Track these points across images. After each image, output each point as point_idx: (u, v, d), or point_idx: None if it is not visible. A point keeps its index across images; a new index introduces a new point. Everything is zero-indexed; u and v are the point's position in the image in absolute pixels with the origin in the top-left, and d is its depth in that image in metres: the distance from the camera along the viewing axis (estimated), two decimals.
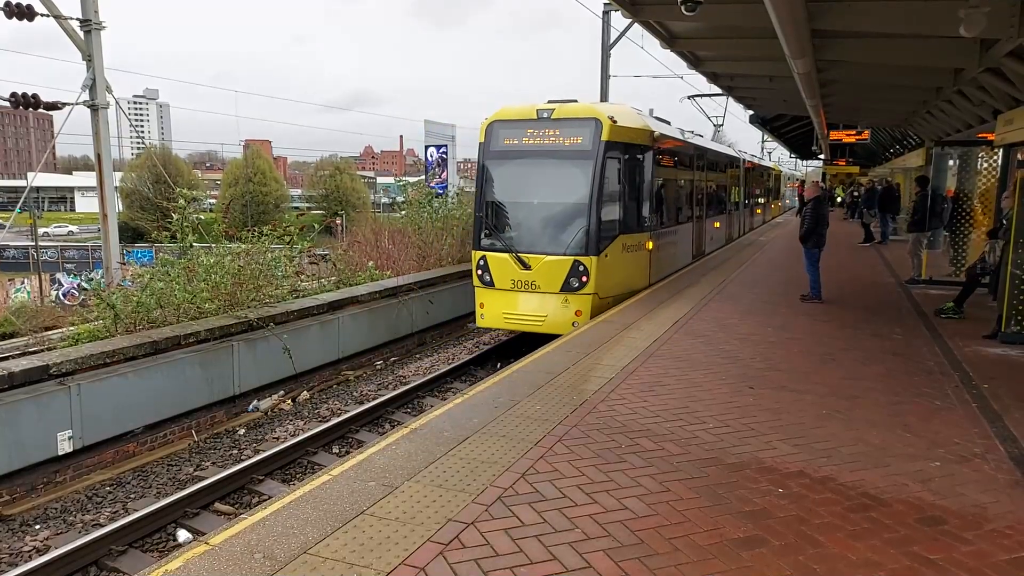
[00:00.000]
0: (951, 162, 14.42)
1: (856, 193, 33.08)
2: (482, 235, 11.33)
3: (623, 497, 4.21)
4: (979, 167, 13.39)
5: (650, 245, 12.08)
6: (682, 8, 7.68)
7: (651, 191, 12.04)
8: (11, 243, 45.18)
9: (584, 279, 10.49)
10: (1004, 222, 9.35)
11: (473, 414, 5.63)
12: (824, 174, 43.25)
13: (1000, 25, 7.90)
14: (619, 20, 21.78)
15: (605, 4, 21.54)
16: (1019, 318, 8.37)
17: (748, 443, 5.11)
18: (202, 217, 12.11)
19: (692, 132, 17.08)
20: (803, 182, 35.41)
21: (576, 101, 11.41)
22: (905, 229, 16.36)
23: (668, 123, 14.87)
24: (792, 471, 4.63)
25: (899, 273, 14.35)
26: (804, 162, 60.23)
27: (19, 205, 21.66)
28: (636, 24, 11.38)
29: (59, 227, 68.04)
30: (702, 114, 28.45)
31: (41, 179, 78.60)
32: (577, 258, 10.49)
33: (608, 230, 10.80)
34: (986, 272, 9.80)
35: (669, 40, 12.29)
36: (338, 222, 40.08)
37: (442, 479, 4.41)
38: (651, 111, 15.55)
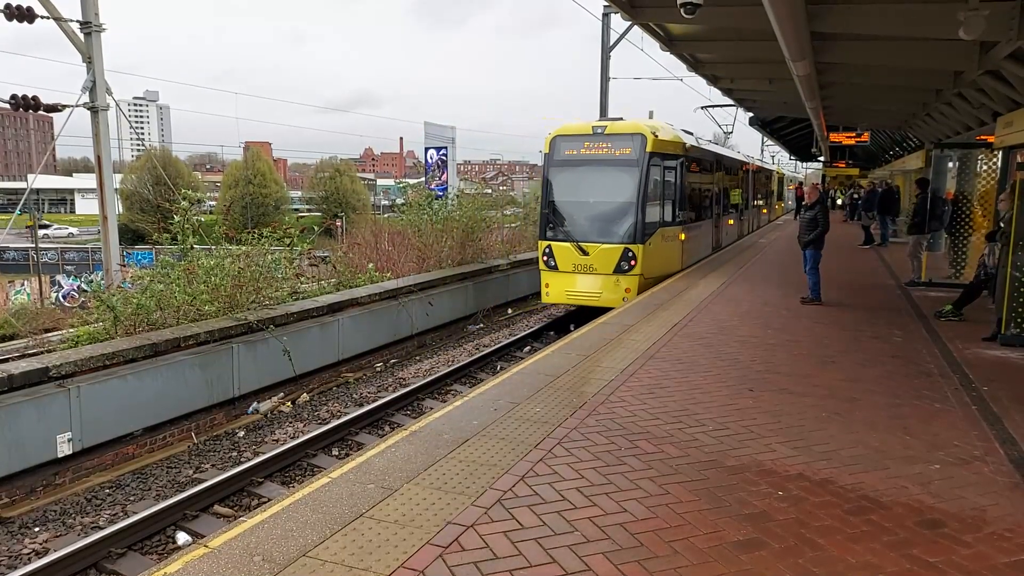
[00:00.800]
0: (951, 164, 14.43)
1: (856, 195, 33.07)
2: (547, 228, 13.67)
3: (623, 500, 4.20)
4: (979, 169, 13.40)
5: (682, 236, 14.56)
6: (681, 10, 7.69)
7: (683, 192, 14.25)
8: (11, 244, 45.20)
9: (633, 263, 12.86)
10: (1002, 225, 9.35)
11: (473, 416, 5.63)
12: (824, 176, 43.27)
13: (999, 28, 7.91)
14: (619, 23, 21.80)
15: (604, 6, 21.56)
16: (1018, 320, 8.37)
17: (748, 445, 5.11)
18: (202, 219, 12.11)
19: (710, 140, 19.87)
20: (801, 184, 35.37)
21: (622, 119, 14.00)
22: (905, 231, 16.36)
23: (692, 134, 16.90)
24: (792, 474, 4.63)
25: (899, 275, 14.35)
26: (804, 164, 60.24)
27: (19, 207, 21.67)
28: (636, 26, 11.39)
29: (60, 228, 68.08)
30: (711, 121, 30.78)
31: (41, 181, 78.65)
32: (627, 246, 12.89)
33: (651, 223, 13.13)
34: (988, 276, 9.80)
35: (668, 42, 12.32)
36: (338, 224, 40.10)
37: (441, 481, 4.40)
38: (651, 113, 15.67)
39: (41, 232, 47.24)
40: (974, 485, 4.48)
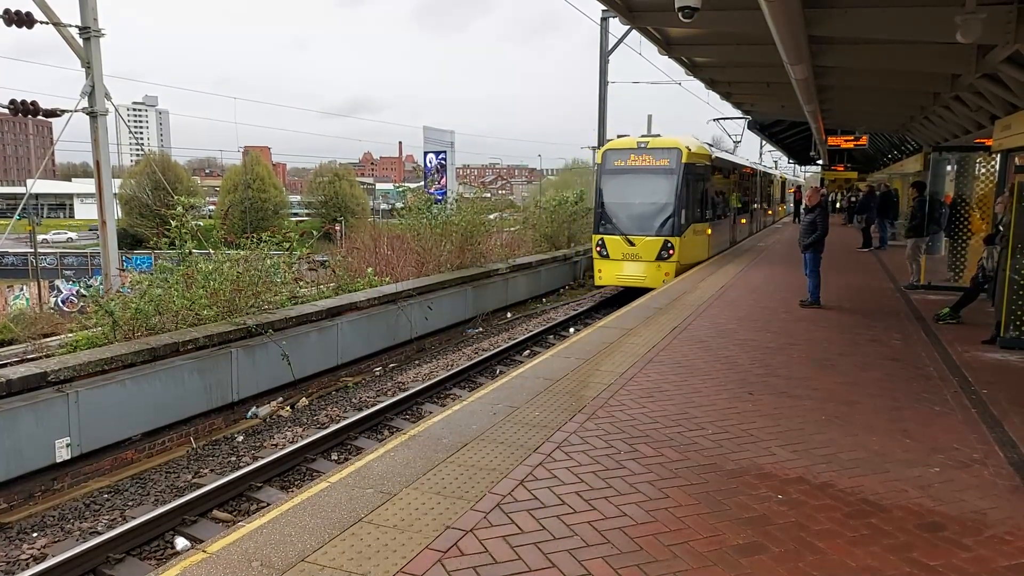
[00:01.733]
0: (949, 167, 14.45)
1: (854, 199, 33.10)
2: (600, 224, 16.83)
3: (622, 504, 4.20)
4: (977, 172, 13.42)
5: (708, 231, 17.82)
6: (679, 15, 7.70)
7: (709, 195, 17.86)
8: (10, 249, 45.14)
9: (671, 252, 15.91)
10: (1001, 228, 9.36)
11: (472, 421, 5.62)
12: (823, 179, 43.31)
13: (996, 31, 7.93)
14: (618, 27, 21.84)
15: (603, 11, 21.60)
16: (1017, 323, 8.37)
17: (747, 449, 5.10)
18: (200, 223, 12.11)
19: (726, 151, 24.23)
20: (800, 187, 35.57)
21: (659, 135, 17.39)
22: (903, 234, 16.37)
23: (712, 145, 20.16)
24: (791, 477, 4.62)
25: (898, 278, 14.36)
26: (803, 168, 60.28)
27: (18, 212, 21.67)
28: (634, 30, 11.42)
29: (58, 233, 68.03)
30: (723, 131, 33.41)
31: (40, 186, 78.62)
32: (667, 238, 15.94)
33: (685, 220, 16.15)
34: (987, 279, 9.81)
35: (667, 46, 12.34)
36: (337, 228, 40.12)
37: (440, 486, 4.40)
38: (650, 117, 15.85)
39: (40, 237, 47.19)
40: (974, 488, 4.48)
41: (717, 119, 31.59)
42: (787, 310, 10.83)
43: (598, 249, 16.76)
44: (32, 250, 38.65)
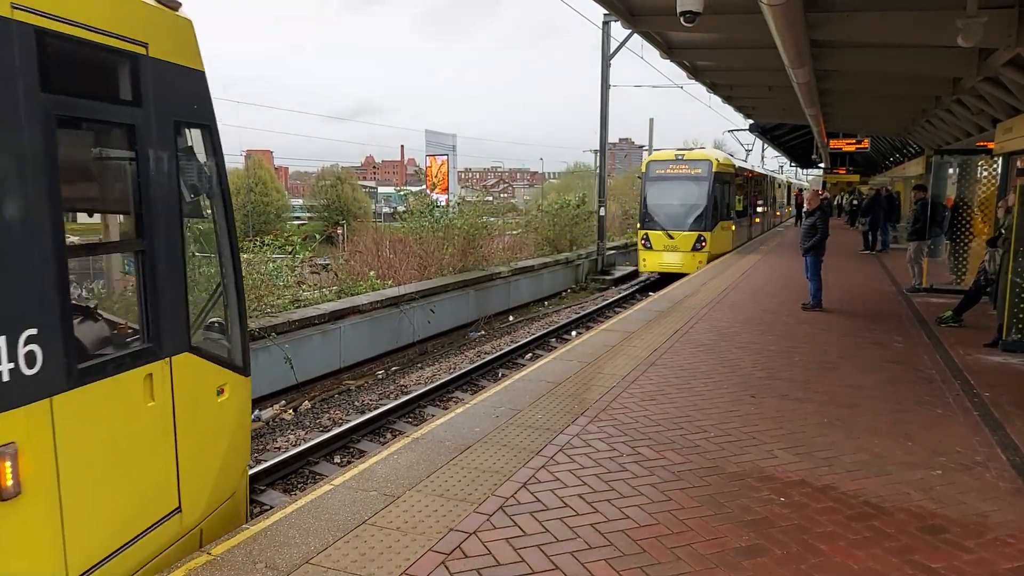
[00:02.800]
0: (951, 171, 14.45)
1: (855, 202, 33.08)
2: (645, 221, 20.15)
3: (624, 506, 4.21)
4: (979, 175, 13.42)
5: (732, 228, 21.61)
6: (681, 19, 7.73)
7: (732, 197, 21.58)
8: None
9: (704, 244, 19.26)
10: (1003, 231, 9.37)
11: (474, 423, 5.64)
12: (824, 182, 43.32)
13: (998, 35, 7.95)
14: (619, 31, 21.89)
15: (605, 15, 21.65)
16: (1020, 326, 8.37)
17: (749, 452, 5.11)
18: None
19: (743, 161, 29.96)
20: (802, 190, 35.74)
21: (692, 149, 22.32)
22: (905, 237, 16.38)
23: (732, 155, 25.47)
24: (793, 480, 4.63)
25: (900, 281, 14.36)
26: (805, 171, 60.31)
27: None
28: (636, 34, 11.46)
29: None
30: (733, 139, 37.82)
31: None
32: (700, 232, 19.29)
33: (715, 218, 19.65)
34: (989, 282, 9.82)
35: (668, 50, 12.38)
36: (339, 232, 40.18)
37: (443, 488, 4.41)
38: (651, 120, 16.02)
39: None
40: (976, 491, 4.48)
41: (731, 130, 36.26)
42: (789, 313, 10.84)
43: (643, 242, 20.15)
44: None
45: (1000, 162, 12.80)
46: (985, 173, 13.27)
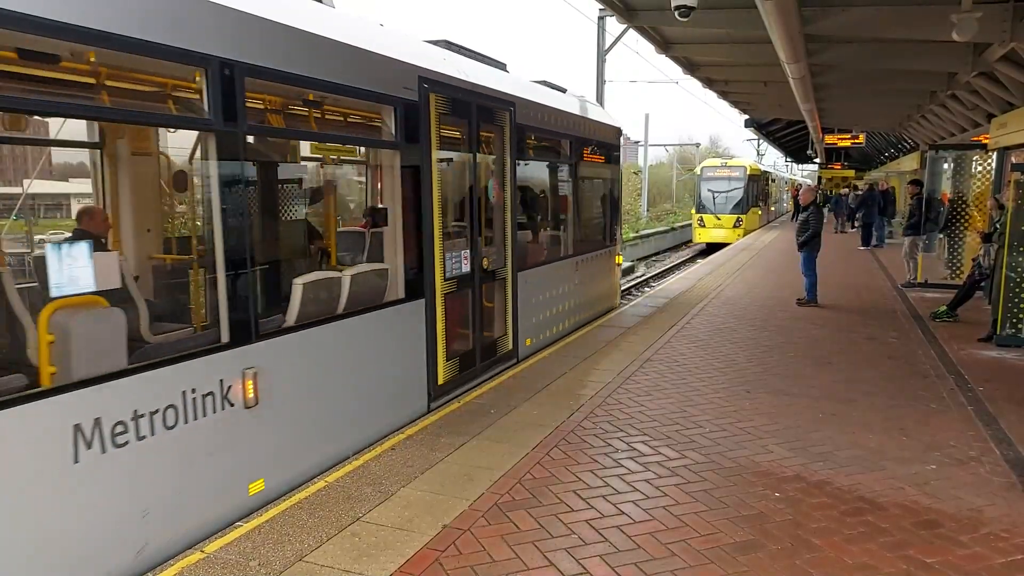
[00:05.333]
0: (945, 166, 14.47)
1: (841, 195, 33.01)
2: (700, 208, 28.62)
3: (620, 502, 4.20)
4: (974, 170, 13.44)
5: (759, 213, 31.08)
6: (675, 14, 7.72)
7: (759, 193, 31.10)
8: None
9: (741, 223, 27.67)
10: (997, 226, 9.39)
11: (469, 419, 5.62)
12: (820, 178, 43.40)
13: (992, 30, 7.95)
14: (614, 26, 21.84)
15: (600, 9, 21.60)
16: (1014, 321, 8.39)
17: (744, 447, 5.11)
18: None
19: (771, 166, 42.89)
20: (799, 186, 35.89)
21: (734, 157, 40.17)
22: (901, 232, 16.40)
23: (760, 162, 37.74)
24: (788, 475, 4.63)
25: (895, 277, 14.38)
26: (800, 166, 60.36)
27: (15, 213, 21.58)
28: (632, 29, 11.43)
29: (55, 234, 67.87)
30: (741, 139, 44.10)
31: (37, 186, 78.32)
32: (739, 215, 27.78)
33: (748, 205, 28.26)
34: (984, 277, 9.83)
35: (664, 46, 12.35)
36: None
37: (438, 485, 4.40)
38: (647, 116, 16.02)
39: (37, 238, 46.87)
40: (970, 485, 4.49)
41: (749, 139, 44.55)
42: (784, 308, 10.85)
43: (698, 222, 28.75)
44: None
45: (995, 157, 12.82)
46: (980, 168, 13.29)
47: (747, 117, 27.41)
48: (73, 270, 3.34)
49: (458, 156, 6.72)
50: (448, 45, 6.78)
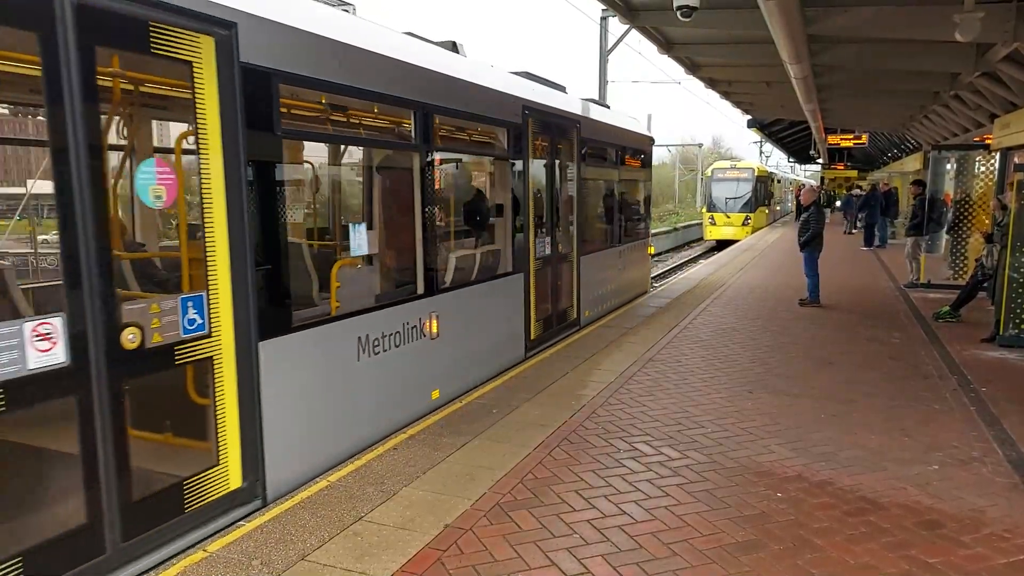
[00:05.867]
0: (948, 166, 14.45)
1: (851, 195, 32.99)
2: (711, 207, 30.30)
3: (621, 502, 4.21)
4: (977, 171, 13.42)
5: (766, 211, 32.76)
6: (678, 14, 7.72)
7: (765, 193, 32.47)
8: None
9: (748, 221, 29.27)
10: (999, 227, 9.37)
11: (471, 419, 5.63)
12: (822, 178, 43.36)
13: (995, 30, 7.95)
14: (617, 26, 21.83)
15: (603, 10, 21.59)
16: (1017, 321, 8.38)
17: (746, 447, 5.11)
18: None
19: (775, 167, 46.42)
20: (801, 187, 35.97)
21: (742, 160, 38.72)
22: (904, 233, 16.38)
23: (766, 164, 41.29)
24: (790, 475, 4.63)
25: (897, 277, 14.37)
26: (803, 166, 60.29)
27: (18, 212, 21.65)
28: (634, 30, 11.43)
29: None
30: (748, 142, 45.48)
31: (41, 186, 78.47)
32: (747, 214, 29.49)
33: (755, 205, 29.85)
34: (986, 277, 9.82)
35: (666, 46, 12.35)
36: None
37: (440, 485, 4.41)
38: (649, 116, 16.10)
39: (40, 238, 46.97)
40: (972, 486, 4.49)
41: (756, 142, 45.41)
42: (786, 309, 10.84)
43: (709, 220, 30.45)
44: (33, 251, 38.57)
45: (997, 157, 12.80)
46: (983, 168, 13.27)
47: (749, 117, 27.39)
48: (356, 241, 5.31)
49: (543, 164, 8.38)
50: (528, 75, 8.38)
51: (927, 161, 16.13)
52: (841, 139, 27.43)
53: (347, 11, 5.43)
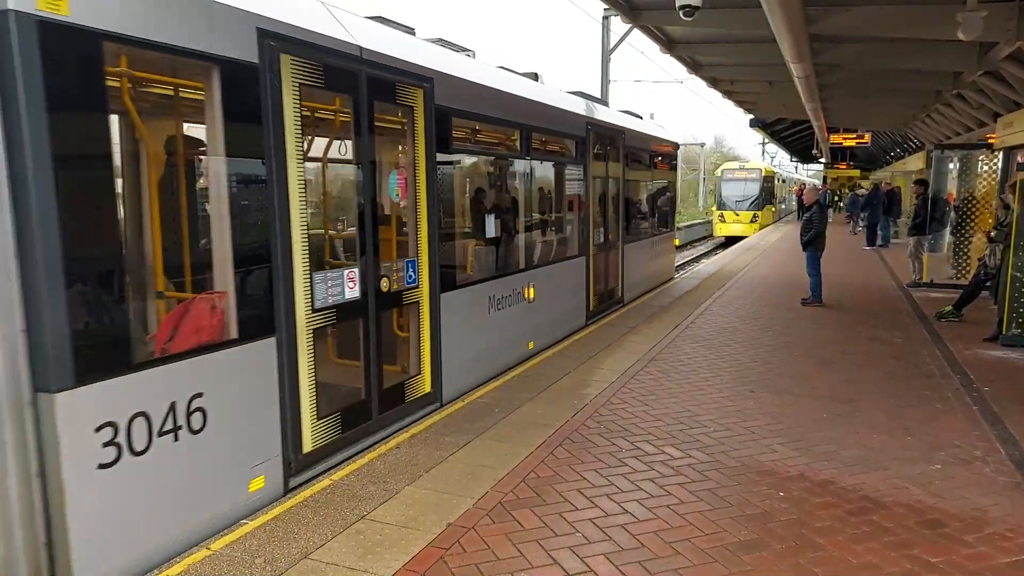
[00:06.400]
0: (951, 165, 14.43)
1: (856, 198, 32.95)
2: (720, 205, 31.67)
3: (624, 501, 4.21)
4: (979, 170, 13.39)
5: (772, 209, 34.71)
6: (680, 13, 7.71)
7: (772, 192, 34.39)
8: None
9: (756, 219, 30.98)
10: (1001, 227, 9.35)
11: (474, 418, 5.64)
12: (825, 177, 43.32)
13: (998, 29, 7.93)
14: (619, 25, 21.81)
15: (605, 9, 21.57)
16: (1019, 321, 8.37)
17: (749, 447, 5.11)
18: None
19: (779, 167, 48.44)
20: (803, 187, 36.10)
21: (749, 160, 38.16)
22: (906, 232, 16.35)
23: (773, 165, 45.82)
24: (792, 474, 4.63)
25: (900, 276, 14.35)
26: (805, 166, 60.21)
27: None
28: (636, 29, 11.43)
29: None
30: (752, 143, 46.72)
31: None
32: (755, 212, 31.07)
33: (762, 203, 31.54)
34: (989, 276, 9.80)
35: (668, 45, 12.34)
36: None
37: (443, 483, 4.42)
38: (651, 115, 16.31)
39: None
40: (975, 485, 4.49)
41: (761, 142, 47.83)
42: (789, 308, 10.84)
43: (718, 218, 31.89)
44: None
45: (1000, 157, 12.78)
46: (985, 168, 13.25)
47: (752, 117, 27.35)
48: (487, 229, 7.15)
49: (598, 168, 10.01)
50: (582, 95, 10.19)
51: (930, 160, 16.11)
52: (844, 138, 27.37)
53: (470, 56, 7.22)
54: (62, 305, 3.01)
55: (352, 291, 4.83)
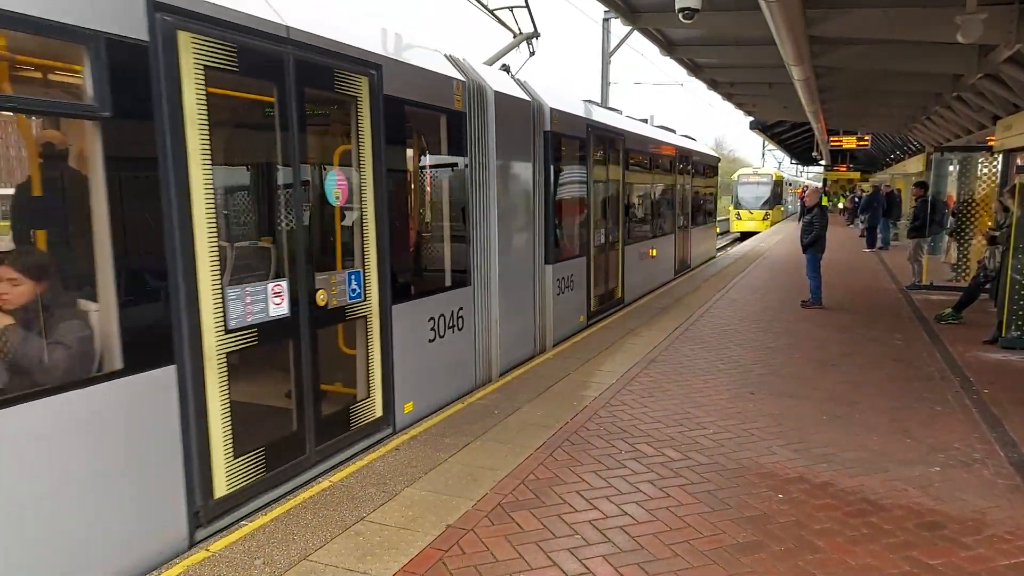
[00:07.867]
0: (951, 168, 14.44)
1: (857, 199, 32.99)
2: (737, 205, 36.79)
3: (623, 503, 4.21)
4: (979, 173, 13.40)
5: (781, 208, 39.46)
6: (679, 16, 7.72)
7: (781, 193, 39.15)
8: None
9: (768, 216, 36.03)
10: (1001, 228, 9.35)
11: (473, 420, 5.64)
12: (825, 180, 43.36)
13: (997, 31, 7.94)
14: (619, 28, 21.84)
15: (605, 11, 21.60)
16: (1019, 323, 8.37)
17: (748, 448, 5.11)
18: None
19: (785, 169, 56.60)
20: (805, 188, 36.14)
21: (762, 167, 46.40)
22: (905, 235, 16.36)
23: (781, 169, 50.97)
24: (792, 476, 4.63)
25: (899, 278, 14.35)
26: (805, 168, 60.24)
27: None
28: (636, 32, 11.44)
29: None
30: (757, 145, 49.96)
31: None
32: (766, 211, 36.16)
33: (774, 203, 36.76)
34: (989, 279, 9.80)
35: (668, 47, 12.36)
36: None
37: (442, 485, 4.42)
38: (652, 117, 16.12)
39: None
40: (974, 487, 4.49)
41: (762, 144, 51.13)
42: (789, 310, 10.84)
43: (736, 215, 36.53)
44: None
45: (1000, 159, 12.78)
46: (985, 170, 13.26)
47: (752, 119, 27.37)
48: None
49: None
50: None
51: (929, 163, 16.12)
52: (844, 140, 27.39)
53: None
54: None
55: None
